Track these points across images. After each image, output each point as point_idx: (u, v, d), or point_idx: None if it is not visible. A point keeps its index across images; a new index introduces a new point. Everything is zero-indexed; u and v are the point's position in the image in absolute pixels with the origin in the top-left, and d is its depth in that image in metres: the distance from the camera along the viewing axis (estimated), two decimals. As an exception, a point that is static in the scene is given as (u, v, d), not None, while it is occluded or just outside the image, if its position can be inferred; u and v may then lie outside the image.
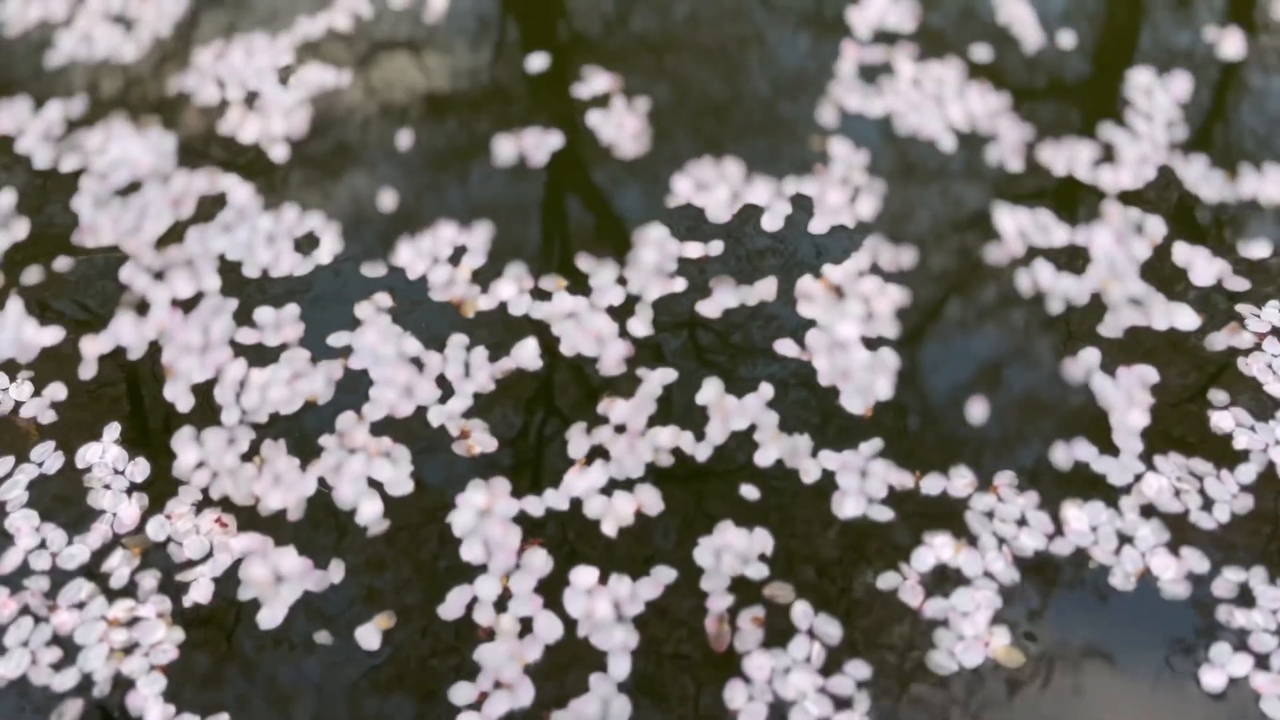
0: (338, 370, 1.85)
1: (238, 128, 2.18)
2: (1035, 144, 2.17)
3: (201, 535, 1.67)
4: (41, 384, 1.84)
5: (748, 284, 1.97)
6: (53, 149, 2.15)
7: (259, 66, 2.28)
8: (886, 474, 1.71)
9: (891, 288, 1.95)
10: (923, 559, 1.63)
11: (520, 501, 1.71)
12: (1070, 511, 1.67)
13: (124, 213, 2.05)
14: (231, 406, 1.81)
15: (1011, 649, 1.56)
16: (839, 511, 1.68)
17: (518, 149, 2.16)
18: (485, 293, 1.95)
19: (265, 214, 2.05)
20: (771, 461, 1.76)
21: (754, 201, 2.08)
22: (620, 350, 1.88)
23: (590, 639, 1.59)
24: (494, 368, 1.86)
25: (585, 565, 1.65)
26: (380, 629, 1.60)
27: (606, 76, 2.28)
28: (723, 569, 1.62)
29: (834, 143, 2.17)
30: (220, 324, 1.90)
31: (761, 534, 1.68)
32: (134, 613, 1.60)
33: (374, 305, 1.93)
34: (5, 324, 1.90)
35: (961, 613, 1.58)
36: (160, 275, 1.97)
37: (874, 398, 1.80)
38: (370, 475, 1.74)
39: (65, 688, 1.53)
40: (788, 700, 1.53)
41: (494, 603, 1.63)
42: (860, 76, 2.28)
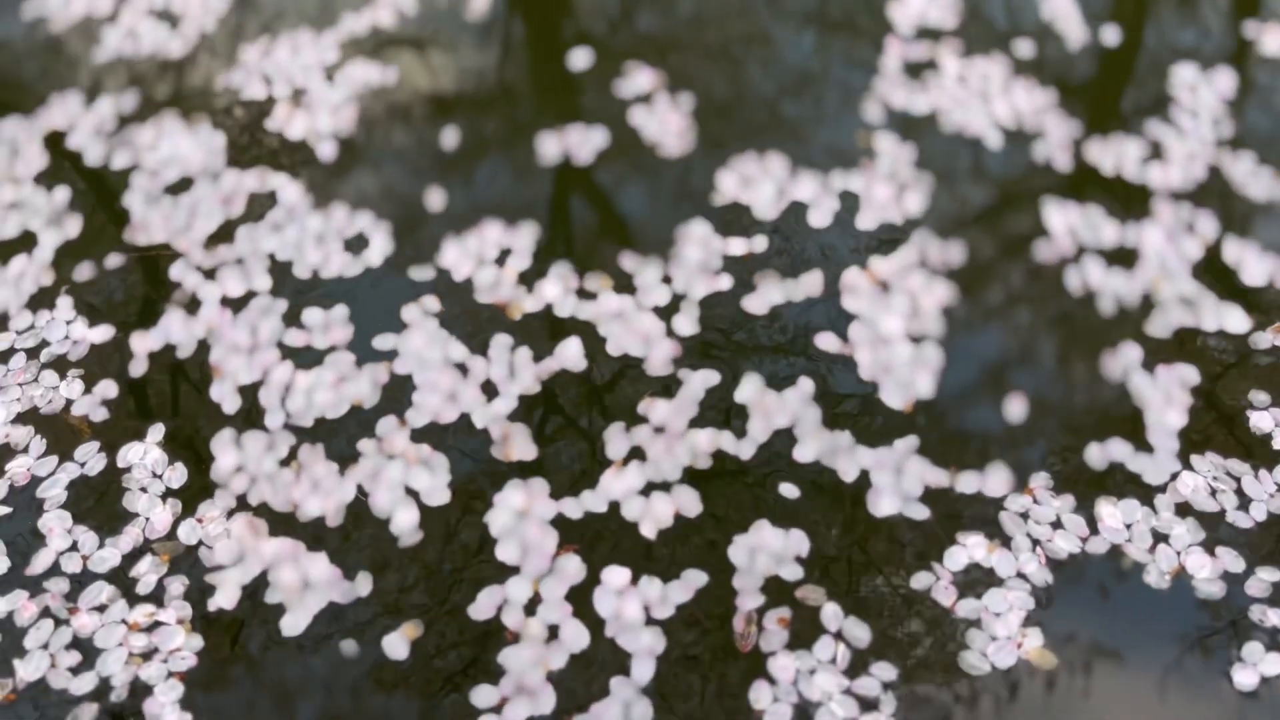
0: (383, 374, 1.82)
1: (285, 124, 2.16)
2: (1082, 141, 2.13)
3: (232, 539, 1.64)
4: (91, 382, 1.81)
5: (793, 279, 1.94)
6: (104, 145, 2.13)
7: (305, 63, 2.25)
8: (923, 472, 1.68)
9: (938, 284, 1.92)
10: (956, 559, 1.60)
11: (558, 504, 1.68)
12: (1104, 509, 1.64)
13: (175, 210, 2.03)
14: (276, 410, 1.78)
15: (1044, 651, 1.53)
16: (875, 510, 1.65)
17: (562, 147, 2.13)
18: (531, 293, 1.92)
19: (314, 214, 2.02)
20: (811, 458, 1.72)
21: (800, 198, 2.05)
22: (667, 350, 1.85)
23: (617, 639, 1.58)
24: (538, 368, 1.83)
25: (618, 565, 1.63)
26: (408, 638, 1.58)
27: (649, 73, 2.25)
28: (757, 569, 1.60)
29: (880, 138, 2.14)
30: (269, 325, 1.88)
31: (798, 535, 1.65)
32: (154, 618, 1.57)
33: (421, 308, 1.89)
34: (55, 322, 1.88)
35: (994, 613, 1.56)
36: (211, 274, 1.95)
37: (915, 394, 1.78)
38: (408, 483, 1.72)
39: (82, 691, 1.51)
40: (813, 701, 1.50)
41: (524, 605, 1.60)
42: (905, 72, 2.25)
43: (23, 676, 1.53)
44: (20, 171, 2.08)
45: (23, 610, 1.58)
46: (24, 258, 1.94)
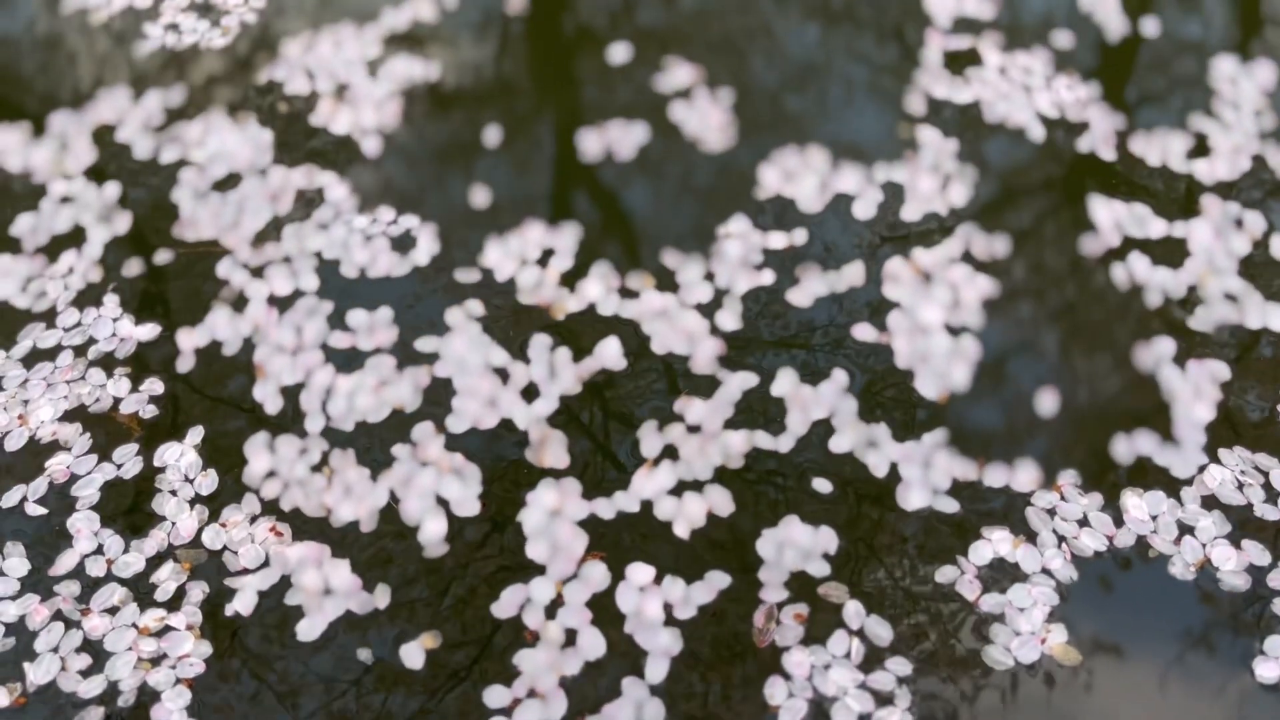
0: (425, 378, 1.78)
1: (329, 120, 2.12)
2: (1127, 134, 2.09)
3: (257, 544, 1.61)
4: (138, 380, 1.78)
5: (835, 270, 1.90)
6: (152, 140, 2.10)
7: (347, 58, 2.22)
8: (951, 465, 1.66)
9: (981, 278, 1.88)
10: (980, 553, 1.57)
11: (590, 504, 1.65)
12: (1130, 500, 1.62)
13: (223, 207, 2.00)
14: (317, 414, 1.74)
15: (1069, 647, 1.50)
16: (904, 503, 1.63)
17: (603, 143, 2.10)
18: (573, 293, 1.88)
19: (361, 213, 1.98)
20: (846, 449, 1.69)
21: (843, 190, 2.01)
22: (712, 348, 1.81)
23: (635, 636, 1.54)
24: (579, 368, 1.79)
25: (643, 563, 1.60)
26: (425, 648, 1.53)
27: (688, 68, 2.22)
28: (783, 563, 1.57)
29: (922, 130, 2.10)
30: (314, 326, 1.84)
31: (827, 532, 1.61)
32: (165, 622, 1.53)
33: (465, 312, 1.85)
34: (102, 319, 1.84)
35: (1018, 608, 1.53)
36: (258, 272, 1.91)
37: (950, 385, 1.75)
38: (439, 492, 1.67)
39: (91, 695, 1.47)
40: (828, 696, 1.47)
41: (545, 607, 1.56)
42: (946, 65, 2.21)
43: (33, 680, 1.49)
44: (70, 166, 2.05)
45: (34, 614, 1.54)
46: (74, 253, 1.91)
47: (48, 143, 2.09)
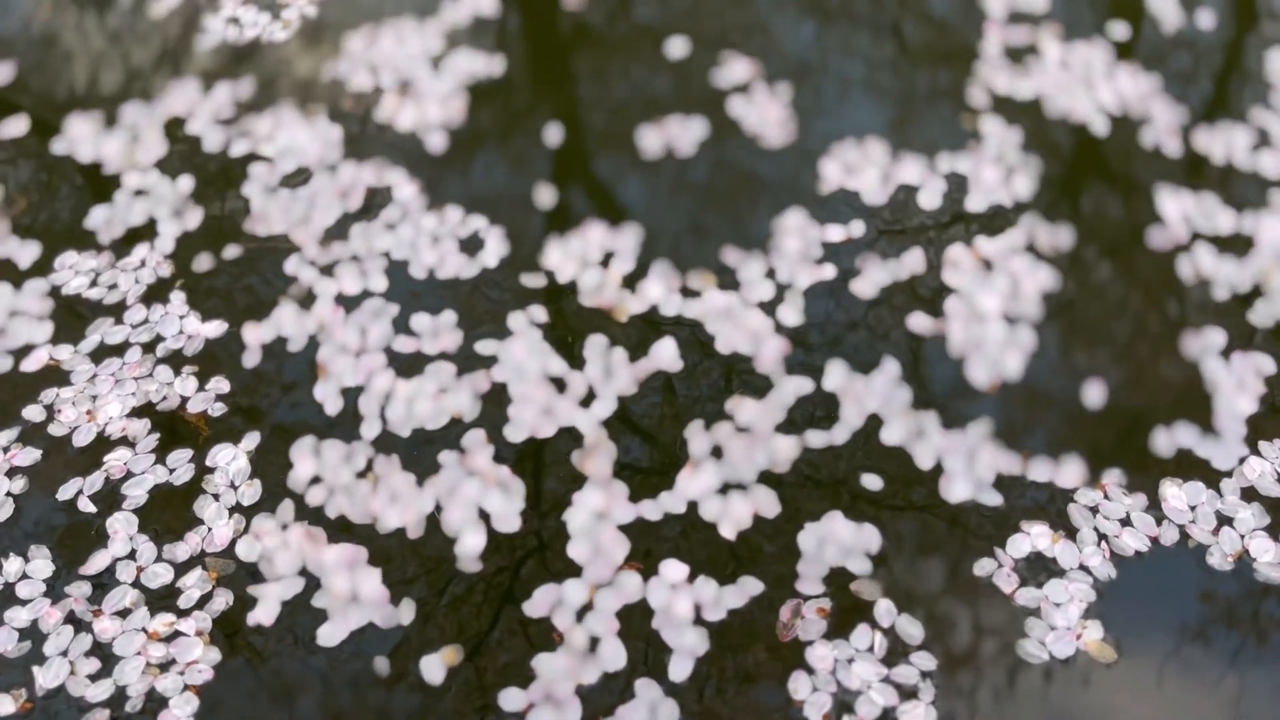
0: (484, 383, 1.72)
1: (394, 115, 2.07)
2: (1190, 127, 2.02)
3: (292, 550, 1.55)
4: (205, 378, 1.73)
5: (895, 259, 1.85)
6: (222, 133, 2.05)
7: (410, 53, 2.17)
8: (995, 458, 1.61)
9: (1042, 270, 1.83)
10: (1018, 546, 1.53)
11: (636, 507, 1.59)
12: (1169, 489, 1.58)
13: (293, 202, 1.94)
14: (374, 419, 1.68)
15: (1104, 644, 1.46)
16: (948, 495, 1.58)
17: (664, 140, 2.04)
18: (634, 294, 1.81)
19: (429, 213, 1.92)
20: (896, 441, 1.64)
21: (906, 181, 1.95)
22: (777, 347, 1.75)
23: (662, 632, 1.49)
24: (635, 369, 1.73)
25: (677, 560, 1.55)
26: (446, 664, 1.47)
27: (746, 63, 2.16)
28: (824, 558, 1.53)
29: (985, 121, 2.04)
30: (379, 327, 1.78)
31: (870, 529, 1.56)
32: (174, 627, 1.48)
33: (528, 317, 1.79)
34: (169, 316, 1.79)
35: (1054, 603, 1.49)
36: (327, 270, 1.86)
37: (1001, 374, 1.71)
38: (481, 505, 1.60)
39: (98, 699, 1.42)
40: (852, 690, 1.43)
41: (576, 610, 1.51)
42: (1006, 56, 2.15)
43: (41, 683, 1.45)
44: (141, 158, 2.00)
45: (46, 616, 1.49)
46: (146, 246, 1.87)
47: (119, 134, 2.04)
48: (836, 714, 1.42)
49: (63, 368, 1.73)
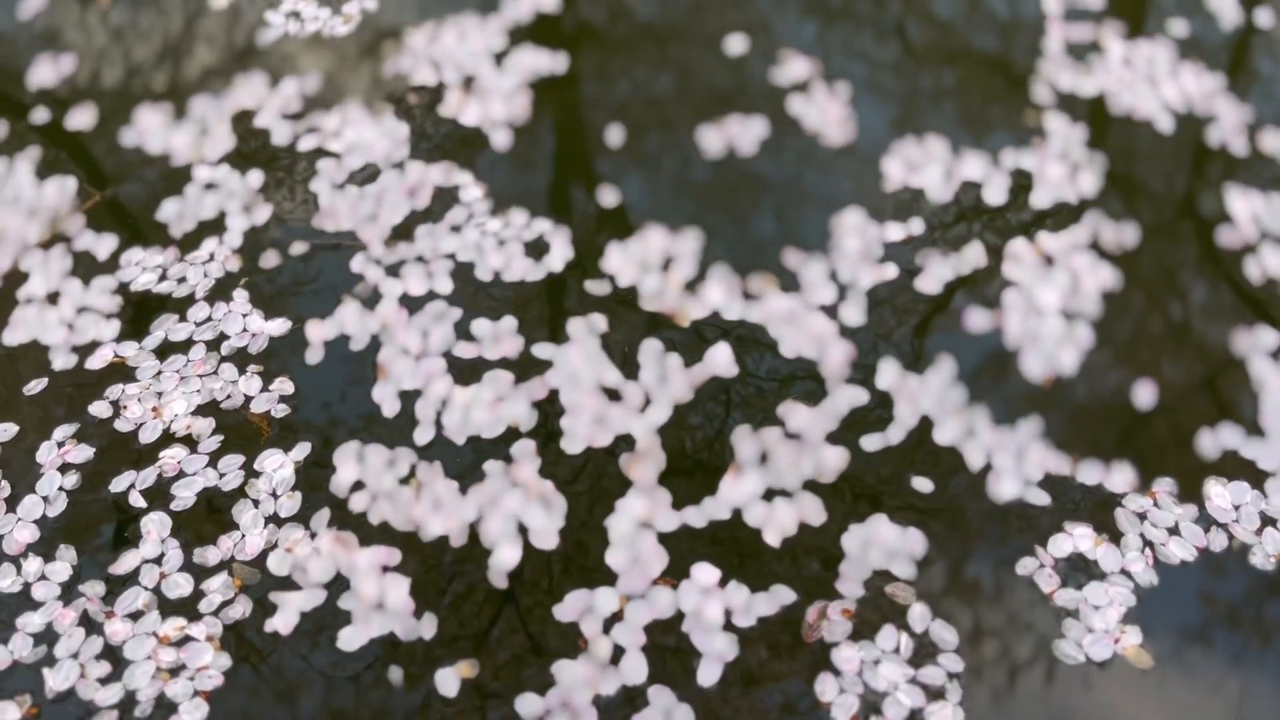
0: (540, 392, 1.65)
1: (458, 112, 2.00)
2: (1256, 126, 1.95)
3: (324, 557, 1.49)
4: (269, 378, 1.67)
5: (956, 253, 1.79)
6: (290, 128, 2.00)
7: (473, 49, 2.10)
8: (1044, 458, 1.56)
9: (1104, 268, 1.76)
10: (1060, 546, 1.48)
11: (681, 513, 1.53)
12: (1213, 488, 1.53)
13: (360, 200, 1.88)
14: (428, 424, 1.62)
15: (1142, 650, 1.40)
16: (995, 494, 1.53)
17: (724, 139, 1.97)
18: (695, 298, 1.74)
19: (495, 216, 1.85)
20: (949, 441, 1.59)
21: (970, 178, 1.89)
22: (843, 352, 1.68)
23: (691, 636, 1.44)
24: (690, 374, 1.66)
25: (709, 564, 1.49)
26: (460, 676, 1.41)
27: (804, 61, 2.09)
28: (867, 561, 1.47)
29: (1049, 118, 1.97)
30: (441, 330, 1.72)
31: (915, 533, 1.50)
32: (185, 631, 1.43)
33: (588, 325, 1.72)
34: (232, 314, 1.74)
35: (1093, 606, 1.43)
36: (393, 269, 1.80)
37: (1056, 369, 1.65)
38: (522, 518, 1.53)
39: (108, 703, 1.38)
40: (879, 691, 1.38)
41: (605, 619, 1.45)
42: (1069, 54, 2.07)
43: (52, 686, 1.40)
44: (209, 151, 1.95)
45: (60, 618, 1.44)
46: (214, 240, 1.82)
47: (187, 127, 1.99)
48: (864, 715, 1.37)
49: (128, 364, 1.68)
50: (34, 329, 1.73)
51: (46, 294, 1.77)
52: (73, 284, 1.78)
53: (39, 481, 1.57)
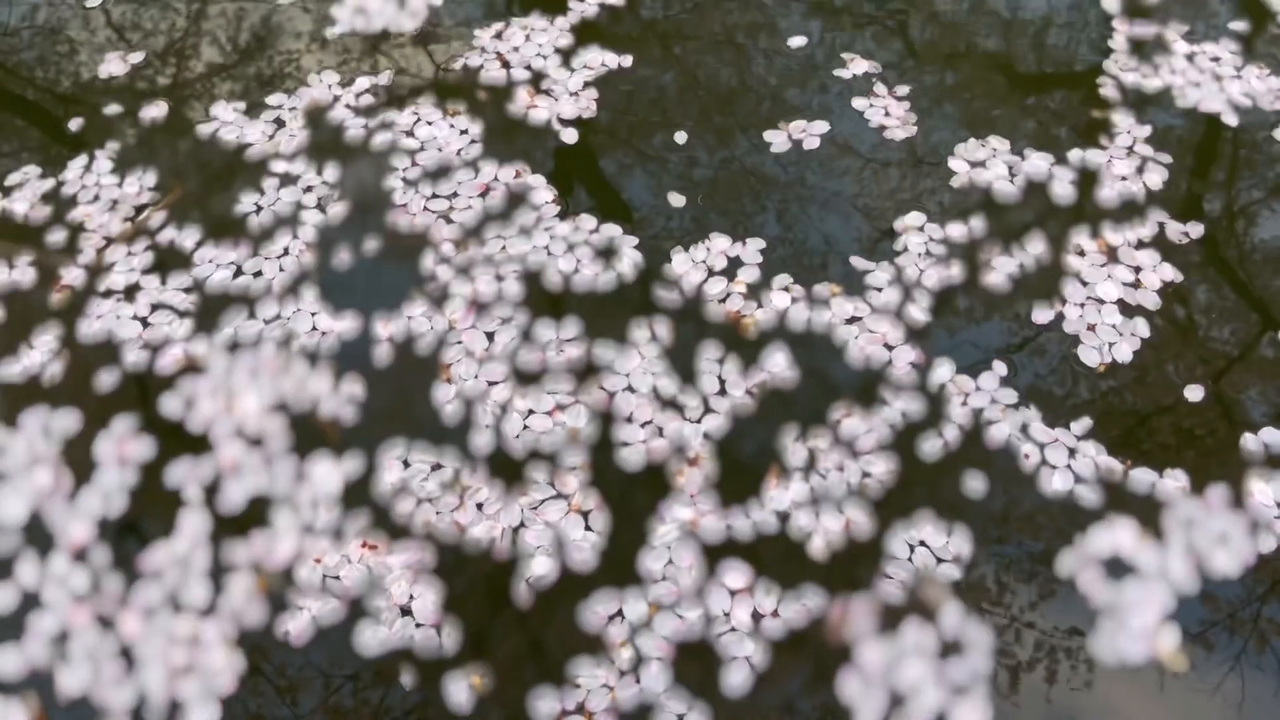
0: (601, 401, 1.57)
1: (527, 109, 1.94)
2: (1323, 126, 1.86)
3: (356, 564, 1.42)
4: (339, 378, 1.60)
5: (1020, 247, 1.73)
6: (363, 125, 1.94)
7: (540, 47, 2.04)
8: (1097, 458, 1.49)
9: (1167, 265, 1.69)
10: (1101, 542, 1.41)
11: (726, 520, 1.45)
12: (1255, 485, 1.46)
13: (434, 199, 1.81)
14: (487, 429, 1.55)
15: (1178, 654, 1.34)
16: (1045, 487, 1.47)
17: (788, 137, 1.90)
18: (760, 305, 1.67)
19: (565, 220, 1.78)
20: (1001, 439, 1.52)
21: (1035, 174, 1.84)
22: (910, 357, 1.61)
23: (719, 642, 1.36)
24: (748, 382, 1.58)
25: (738, 560, 1.42)
26: (471, 687, 1.34)
27: (864, 62, 2.02)
28: (911, 560, 1.41)
29: (1115, 115, 1.91)
30: (506, 334, 1.64)
31: (960, 532, 1.44)
32: (197, 634, 1.36)
33: (650, 332, 1.64)
34: (301, 313, 1.67)
35: (1131, 605, 1.37)
36: (463, 270, 1.72)
37: (1111, 357, 1.59)
38: (561, 531, 1.46)
39: (120, 706, 1.32)
40: (904, 689, 1.32)
41: (633, 626, 1.38)
42: (1134, 52, 2.02)
43: (65, 686, 1.33)
44: (284, 146, 1.90)
45: (73, 616, 1.38)
46: (289, 235, 1.76)
47: (261, 123, 1.94)
48: (889, 712, 1.31)
49: (200, 361, 1.63)
50: (109, 323, 1.68)
51: (124, 287, 1.72)
52: (149, 279, 1.72)
53: (99, 475, 1.51)
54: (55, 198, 1.84)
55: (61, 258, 1.75)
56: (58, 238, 1.77)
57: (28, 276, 1.73)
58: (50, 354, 1.64)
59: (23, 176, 1.87)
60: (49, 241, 1.77)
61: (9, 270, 1.73)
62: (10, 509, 1.48)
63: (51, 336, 1.66)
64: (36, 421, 1.57)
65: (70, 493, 1.50)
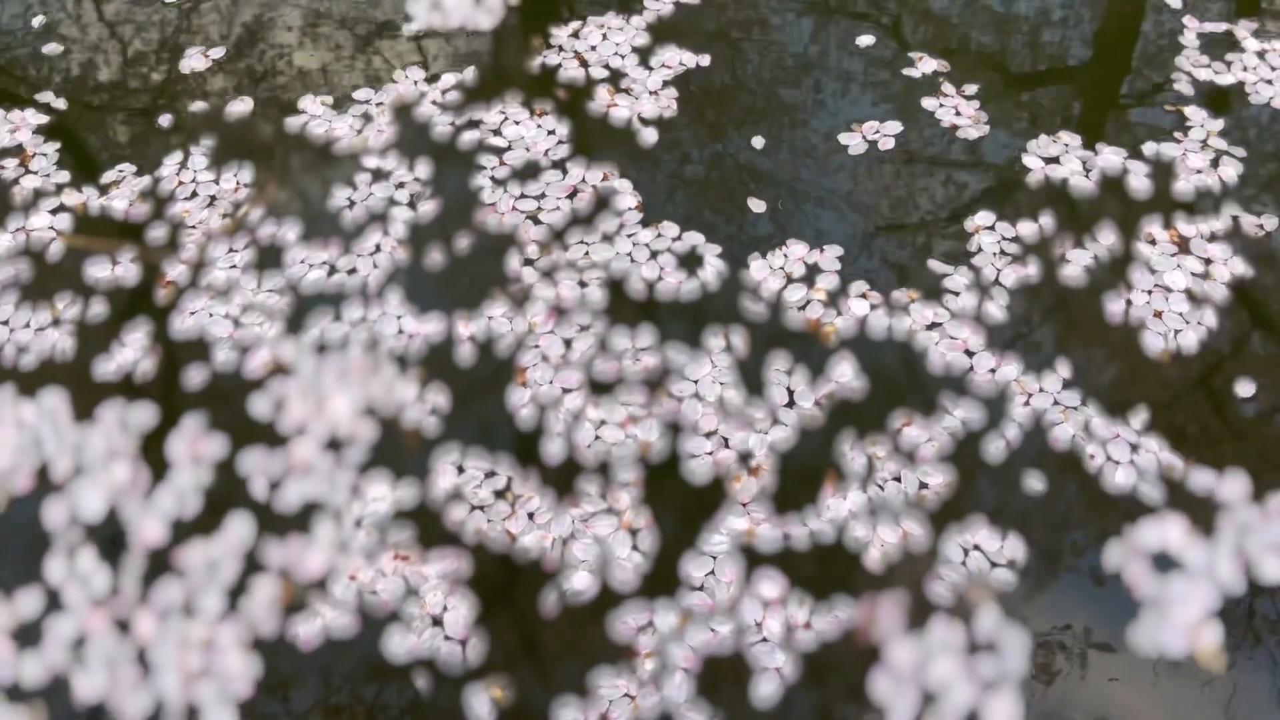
0: (671, 412, 1.49)
1: (607, 109, 1.87)
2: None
3: (392, 576, 1.35)
4: (426, 383, 1.53)
5: (1093, 239, 1.65)
6: (450, 123, 1.87)
7: (617, 46, 1.97)
8: (1160, 454, 1.41)
9: (1238, 260, 1.61)
10: (1149, 535, 1.33)
11: (782, 528, 1.38)
12: None
13: (521, 199, 1.75)
14: (558, 437, 1.47)
15: (1217, 653, 1.25)
16: (1108, 482, 1.39)
17: (862, 138, 1.82)
18: (839, 313, 1.59)
19: (647, 228, 1.71)
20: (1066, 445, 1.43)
21: (1110, 169, 1.75)
22: (990, 363, 1.53)
23: (749, 653, 1.28)
24: (817, 393, 1.50)
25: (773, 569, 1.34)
26: (492, 698, 1.27)
27: (934, 61, 1.94)
28: (964, 564, 1.33)
29: (1188, 110, 1.83)
30: (583, 342, 1.56)
31: (1015, 537, 1.36)
32: (213, 637, 1.29)
33: (724, 341, 1.57)
34: (386, 316, 1.61)
35: (1175, 600, 1.28)
36: (548, 273, 1.65)
37: (1175, 346, 1.52)
38: (607, 546, 1.38)
39: (135, 711, 1.25)
40: (934, 687, 1.24)
41: (663, 635, 1.30)
42: (1206, 49, 1.94)
43: (80, 691, 1.27)
44: (372, 141, 1.83)
45: (90, 619, 1.32)
46: (379, 232, 1.70)
47: (349, 118, 1.88)
48: (921, 709, 1.22)
49: (286, 363, 1.56)
50: (202, 320, 1.62)
51: (224, 284, 1.66)
52: (247, 278, 1.67)
53: (175, 473, 1.45)
54: (153, 194, 1.77)
55: (164, 254, 1.69)
56: (159, 234, 1.71)
57: (131, 273, 1.67)
58: (142, 350, 1.58)
59: (118, 174, 1.80)
60: (150, 238, 1.71)
61: (113, 267, 1.68)
62: (89, 503, 1.42)
63: (142, 333, 1.60)
64: (113, 415, 1.50)
65: (147, 490, 1.43)
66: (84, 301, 1.64)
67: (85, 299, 1.64)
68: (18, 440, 1.48)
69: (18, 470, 1.45)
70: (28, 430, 1.49)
